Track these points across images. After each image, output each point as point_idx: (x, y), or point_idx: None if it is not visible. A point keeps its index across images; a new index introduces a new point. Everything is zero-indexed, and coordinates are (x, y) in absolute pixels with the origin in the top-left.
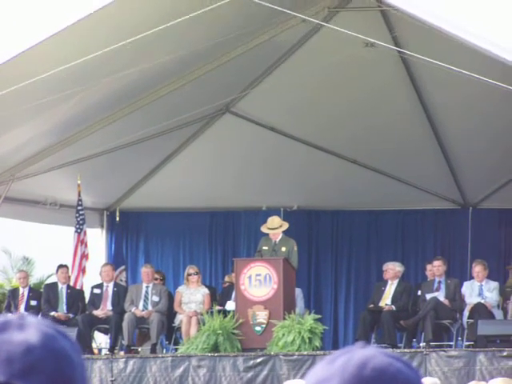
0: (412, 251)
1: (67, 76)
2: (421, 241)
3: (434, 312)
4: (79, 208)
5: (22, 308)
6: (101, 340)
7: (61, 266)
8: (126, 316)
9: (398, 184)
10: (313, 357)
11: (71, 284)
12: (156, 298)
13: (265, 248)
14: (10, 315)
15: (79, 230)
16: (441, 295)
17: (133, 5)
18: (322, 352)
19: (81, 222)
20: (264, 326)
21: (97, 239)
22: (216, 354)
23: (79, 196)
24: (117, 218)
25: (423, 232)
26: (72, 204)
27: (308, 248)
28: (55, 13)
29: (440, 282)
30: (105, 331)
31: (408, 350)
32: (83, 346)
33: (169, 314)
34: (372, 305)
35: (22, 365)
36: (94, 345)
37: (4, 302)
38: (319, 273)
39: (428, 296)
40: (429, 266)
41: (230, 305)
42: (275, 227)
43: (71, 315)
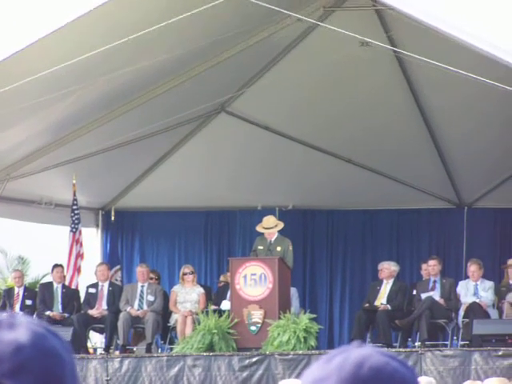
0: (407, 250)
1: (63, 75)
2: (416, 240)
3: (430, 311)
4: (74, 207)
5: (17, 307)
6: (96, 339)
7: (56, 266)
8: (121, 315)
9: (394, 183)
10: (308, 356)
11: (66, 283)
12: (151, 298)
13: (260, 247)
14: (0, 314)
15: (74, 230)
16: (436, 295)
17: (129, 3)
18: (317, 351)
19: (76, 222)
20: (259, 326)
21: (92, 239)
22: (211, 354)
23: (74, 195)
24: (112, 218)
25: (418, 231)
26: (67, 203)
27: (303, 247)
28: (52, 11)
29: (435, 282)
30: (100, 331)
31: (403, 350)
32: (78, 346)
33: (164, 314)
34: (367, 304)
35: (12, 364)
36: (90, 344)
37: None
38: (314, 272)
39: (423, 295)
40: (424, 266)
41: (226, 304)
42: (270, 227)
43: (66, 315)
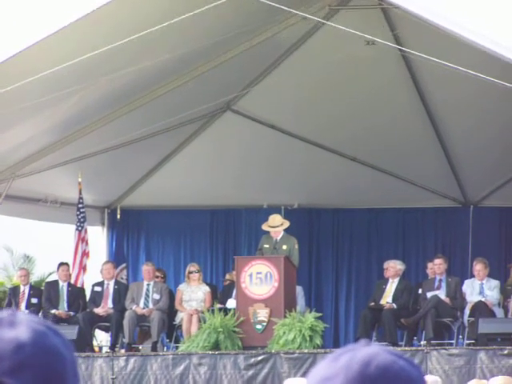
0: (413, 249)
1: (68, 74)
2: (421, 239)
3: (435, 310)
4: (80, 206)
5: (23, 306)
6: (102, 338)
7: (62, 264)
8: (127, 314)
9: (399, 182)
10: (313, 355)
11: (72, 282)
12: (157, 296)
13: (266, 246)
14: (1, 312)
15: (80, 228)
16: (442, 293)
17: (132, 3)
18: (323, 350)
19: (82, 220)
20: (265, 324)
21: (98, 237)
22: (217, 352)
23: (80, 194)
24: (118, 216)
25: (424, 230)
26: (73, 202)
27: (309, 246)
28: (55, 11)
29: (441, 281)
30: (105, 329)
31: (409, 349)
32: (84, 344)
33: (169, 312)
34: (373, 303)
35: (12, 362)
36: (95, 343)
37: (5, 300)
38: (320, 271)
39: (429, 294)
40: (430, 264)
41: (231, 303)
42: (276, 225)
43: (72, 313)
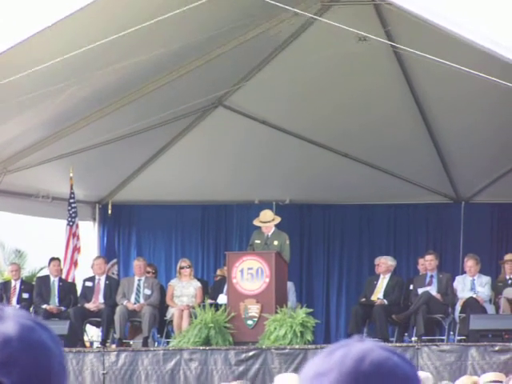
0: (404, 245)
1: (60, 69)
2: (413, 235)
3: (426, 306)
4: (71, 201)
5: (14, 301)
6: (93, 333)
7: (53, 259)
8: (118, 309)
9: (391, 178)
10: (304, 351)
11: (63, 277)
12: (148, 292)
13: (257, 242)
14: None
15: (71, 223)
16: (433, 289)
17: None
18: (314, 346)
19: (73, 215)
20: (256, 320)
21: (89, 232)
22: (208, 348)
23: (71, 189)
24: (109, 211)
25: (415, 226)
26: (64, 197)
27: (300, 242)
28: (48, 5)
29: (432, 277)
30: (97, 324)
31: (400, 345)
32: (75, 339)
33: (161, 308)
34: (364, 299)
35: None
36: (86, 338)
37: None
38: (311, 267)
39: (420, 290)
40: (421, 261)
41: (222, 298)
42: (267, 220)
43: (63, 308)
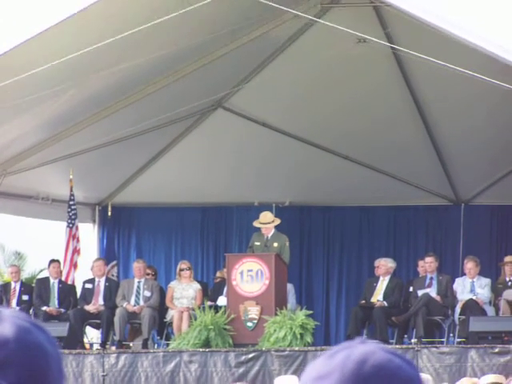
0: (404, 247)
1: (59, 71)
2: (413, 237)
3: (426, 308)
4: (71, 203)
5: (14, 303)
6: (92, 335)
7: (53, 261)
8: (118, 311)
9: (391, 180)
10: (304, 353)
11: (63, 279)
12: (148, 293)
13: (257, 243)
14: None
15: (71, 225)
16: (432, 291)
17: (123, 0)
18: (314, 348)
19: (73, 217)
20: (255, 322)
21: (88, 234)
22: (207, 350)
23: (71, 191)
24: (109, 213)
25: (415, 228)
26: (64, 199)
27: (300, 244)
28: (46, 9)
29: (432, 279)
30: (96, 326)
31: (399, 347)
32: (75, 341)
33: (160, 310)
34: (364, 301)
35: None
36: (86, 340)
37: None
38: (311, 269)
39: (420, 292)
40: (421, 263)
41: (222, 300)
42: (267, 222)
43: (63, 310)
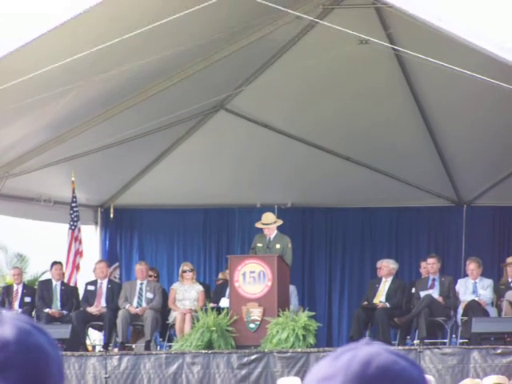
0: (406, 248)
1: (61, 73)
2: (415, 238)
3: (428, 309)
4: (73, 205)
5: (16, 305)
6: (95, 337)
7: (55, 263)
8: (120, 313)
9: (393, 181)
10: (307, 354)
11: (65, 281)
12: (150, 295)
13: (259, 245)
14: None
15: (73, 227)
16: (435, 293)
17: (126, 2)
18: (316, 349)
19: (75, 219)
20: (258, 323)
21: (91, 236)
22: (210, 351)
23: (73, 193)
24: (111, 215)
25: (417, 229)
26: (66, 201)
27: (302, 245)
28: (49, 10)
29: (434, 280)
30: (99, 328)
31: (402, 348)
32: (77, 343)
33: (163, 311)
34: (366, 302)
35: None
36: (88, 342)
37: None
38: (313, 270)
39: (422, 293)
40: (423, 264)
41: (224, 302)
42: (269, 222)
43: (65, 312)
